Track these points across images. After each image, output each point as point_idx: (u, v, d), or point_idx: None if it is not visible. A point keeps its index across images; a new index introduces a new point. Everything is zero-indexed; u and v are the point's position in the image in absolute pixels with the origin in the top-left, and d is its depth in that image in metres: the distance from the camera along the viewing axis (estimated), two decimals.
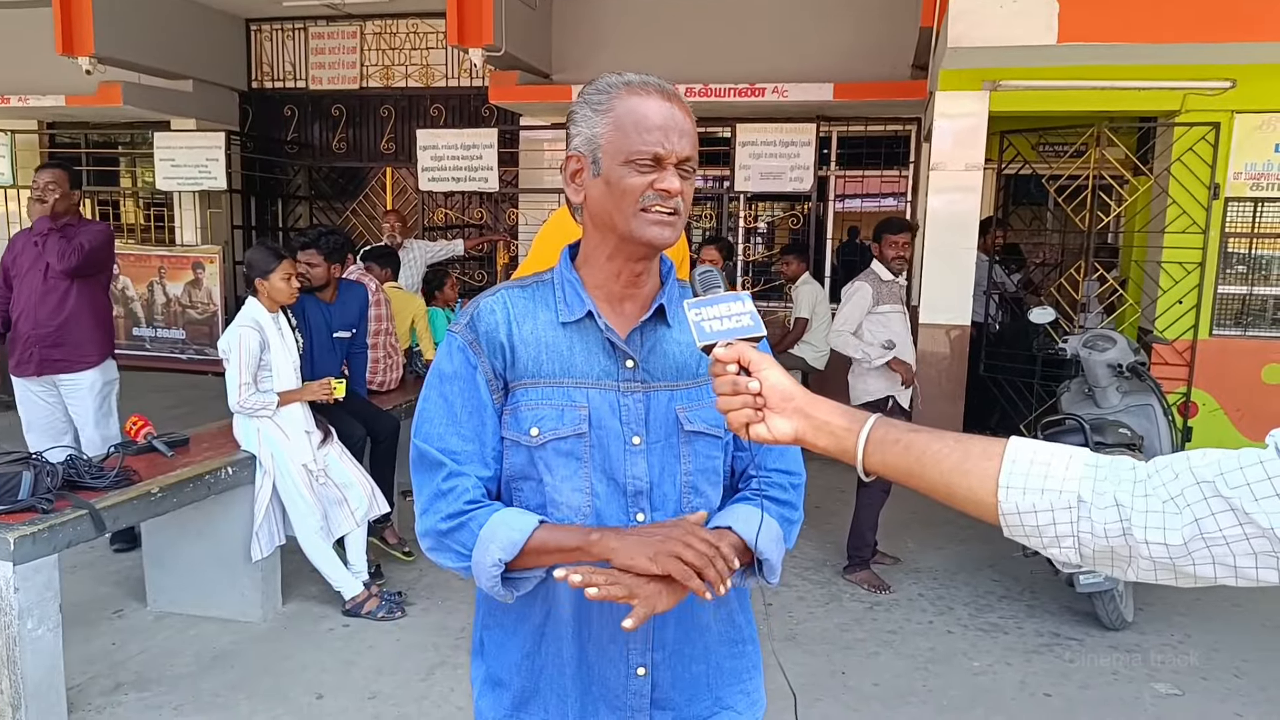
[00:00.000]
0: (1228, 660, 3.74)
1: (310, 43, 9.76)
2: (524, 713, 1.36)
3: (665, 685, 1.33)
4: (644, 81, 1.27)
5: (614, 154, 1.24)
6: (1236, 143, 5.84)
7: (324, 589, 4.06)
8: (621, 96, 1.26)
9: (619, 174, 1.24)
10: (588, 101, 1.29)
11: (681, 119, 1.26)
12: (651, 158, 1.23)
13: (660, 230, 1.24)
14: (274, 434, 3.85)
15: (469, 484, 1.27)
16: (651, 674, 1.32)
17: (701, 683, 1.37)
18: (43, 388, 4.53)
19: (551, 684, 1.34)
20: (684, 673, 1.35)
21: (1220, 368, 6.02)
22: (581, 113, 1.29)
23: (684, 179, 1.25)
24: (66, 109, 9.15)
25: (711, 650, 1.37)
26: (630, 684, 1.31)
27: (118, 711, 3.20)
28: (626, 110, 1.25)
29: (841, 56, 7.93)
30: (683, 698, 1.35)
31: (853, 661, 3.68)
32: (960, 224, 6.20)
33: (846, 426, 1.08)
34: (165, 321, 9.43)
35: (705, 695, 1.37)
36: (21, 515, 2.91)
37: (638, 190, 1.23)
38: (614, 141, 1.24)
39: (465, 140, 8.44)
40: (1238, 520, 0.86)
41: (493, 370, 1.28)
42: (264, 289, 3.84)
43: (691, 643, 1.35)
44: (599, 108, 1.27)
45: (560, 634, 1.32)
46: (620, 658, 1.30)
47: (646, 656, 1.31)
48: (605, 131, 1.25)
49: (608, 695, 1.32)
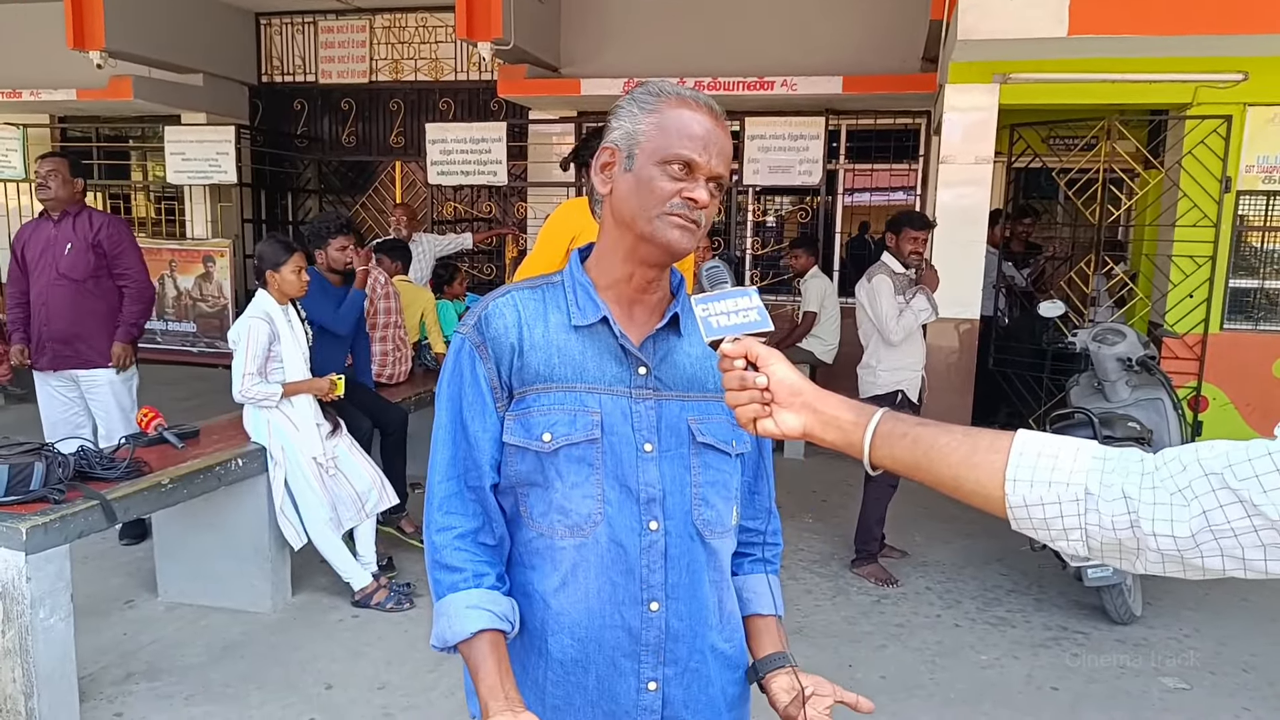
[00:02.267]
0: (1236, 655, 3.73)
1: (320, 36, 9.78)
2: None
3: (677, 704, 1.31)
4: (697, 97, 1.27)
5: (650, 152, 1.24)
6: (1248, 136, 5.80)
7: (333, 580, 4.08)
8: (672, 104, 1.26)
9: (651, 174, 1.24)
10: (637, 100, 1.29)
11: (722, 139, 1.26)
12: (686, 163, 1.23)
13: (680, 234, 1.24)
14: (284, 426, 3.87)
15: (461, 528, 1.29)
16: (663, 689, 1.30)
17: (715, 707, 1.35)
18: (62, 383, 4.55)
19: (553, 695, 1.31)
20: (700, 693, 1.33)
21: (1231, 362, 6.00)
22: (628, 109, 1.29)
23: (711, 196, 1.25)
24: (78, 103, 9.19)
25: (722, 673, 1.36)
26: (641, 699, 1.29)
27: (129, 701, 3.23)
28: (673, 115, 1.25)
29: (851, 49, 7.90)
30: (696, 718, 1.33)
31: (860, 654, 3.69)
32: (970, 217, 6.18)
33: (854, 421, 1.08)
34: (176, 315, 9.48)
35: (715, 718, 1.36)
36: (33, 506, 2.93)
37: (667, 194, 1.23)
38: (653, 140, 1.25)
39: (474, 134, 8.45)
40: (1246, 512, 0.85)
41: (498, 375, 1.28)
42: (274, 281, 3.86)
43: (706, 663, 1.33)
44: (647, 107, 1.27)
45: (564, 642, 1.29)
46: (632, 672, 1.28)
47: (658, 671, 1.29)
48: (647, 129, 1.25)
49: (617, 711, 1.29)
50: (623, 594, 1.26)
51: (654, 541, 1.26)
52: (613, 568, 1.26)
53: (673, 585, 1.28)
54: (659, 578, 1.27)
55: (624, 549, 1.25)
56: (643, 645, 1.27)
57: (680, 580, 1.28)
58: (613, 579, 1.26)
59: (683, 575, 1.28)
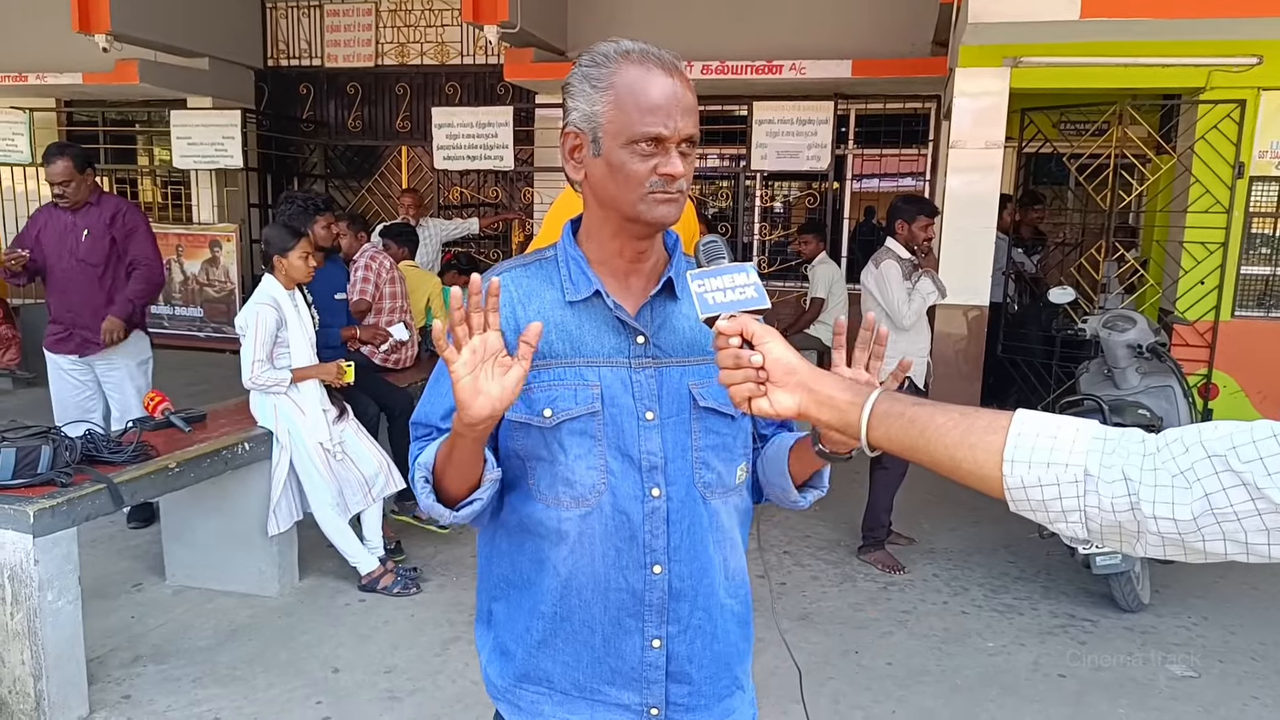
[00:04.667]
0: (1245, 643, 3.72)
1: (326, 20, 9.74)
2: (530, 681, 1.36)
3: (681, 658, 1.33)
4: (643, 52, 1.22)
5: (615, 134, 1.21)
6: (1262, 120, 5.74)
7: (340, 564, 4.09)
8: (621, 70, 1.21)
9: (621, 157, 1.21)
10: (585, 75, 1.24)
11: (683, 94, 1.21)
12: (654, 140, 1.20)
13: (666, 209, 1.22)
14: (290, 410, 3.87)
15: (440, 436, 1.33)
16: (666, 646, 1.32)
17: (721, 661, 1.37)
18: (74, 366, 4.55)
19: (563, 653, 1.34)
20: (704, 650, 1.35)
21: (1242, 349, 5.95)
22: (579, 86, 1.25)
23: (685, 157, 1.22)
24: (84, 87, 9.17)
25: (729, 629, 1.38)
26: (646, 655, 1.31)
27: (137, 683, 3.24)
28: (626, 87, 1.20)
29: (860, 33, 7.84)
30: (702, 675, 1.35)
31: (866, 641, 3.68)
32: (980, 203, 6.14)
33: (850, 400, 1.07)
34: (183, 300, 9.49)
35: (725, 674, 1.38)
36: (41, 489, 2.94)
37: (642, 176, 1.20)
38: (615, 121, 1.21)
39: (481, 118, 8.41)
40: (1249, 495, 0.83)
41: None
42: (282, 266, 3.85)
43: (711, 619, 1.35)
44: (598, 83, 1.22)
45: (573, 605, 1.31)
46: (636, 630, 1.31)
47: (662, 629, 1.31)
48: (605, 110, 1.21)
49: (622, 667, 1.32)
50: (626, 559, 1.29)
51: (656, 508, 1.28)
52: (617, 534, 1.28)
53: (674, 548, 1.30)
54: (661, 542, 1.29)
55: (628, 516, 1.28)
56: (646, 605, 1.30)
57: (682, 543, 1.30)
58: (617, 545, 1.28)
59: (684, 538, 1.30)
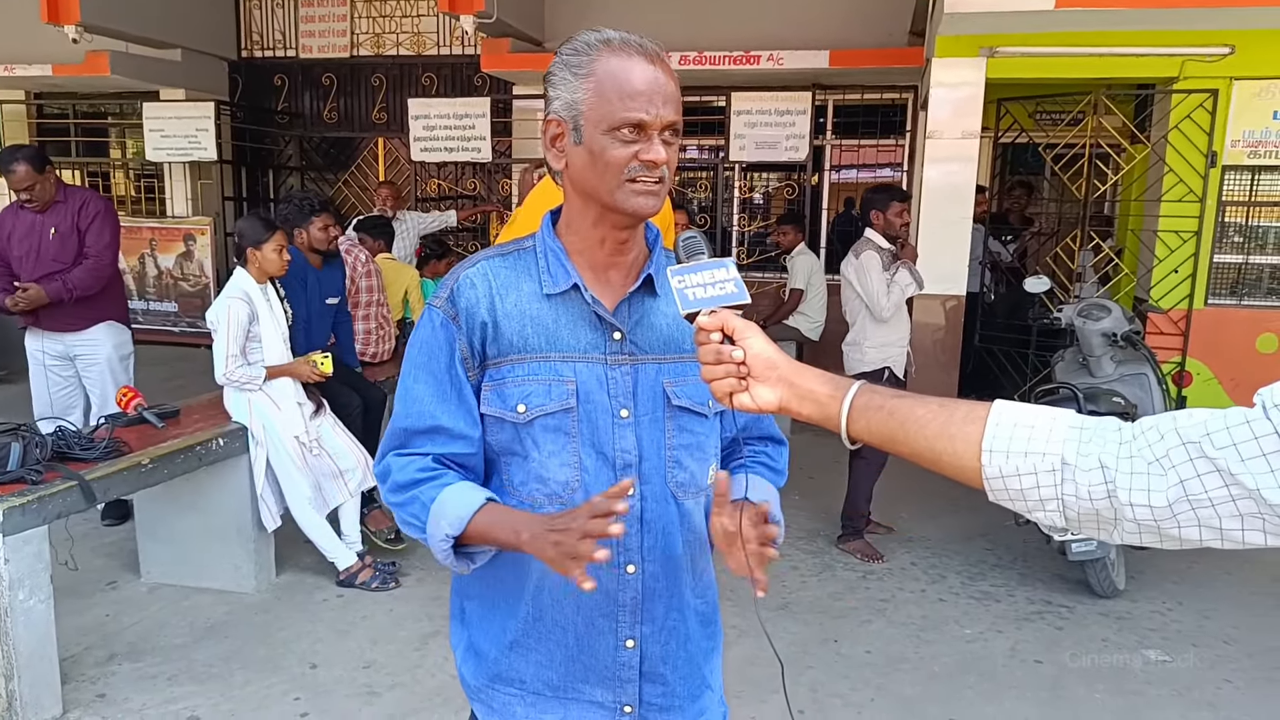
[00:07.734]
0: (1218, 627, 3.77)
1: (300, 10, 9.62)
2: (502, 682, 1.36)
3: (655, 659, 1.34)
4: (624, 40, 1.22)
5: (596, 122, 1.20)
6: (1235, 110, 5.80)
7: (318, 560, 4.06)
8: (602, 58, 1.21)
9: (602, 144, 1.20)
10: (566, 63, 1.23)
11: (665, 82, 1.21)
12: (635, 126, 1.19)
13: (646, 200, 1.21)
14: (265, 405, 3.83)
15: (425, 459, 1.28)
16: (640, 646, 1.32)
17: (693, 662, 1.38)
18: (58, 363, 4.48)
19: (535, 653, 1.34)
20: (678, 650, 1.35)
21: (1215, 337, 6.02)
22: (560, 75, 1.24)
23: (668, 145, 1.21)
24: (53, 79, 9.03)
25: (694, 630, 1.38)
26: (619, 655, 1.32)
27: (111, 682, 3.21)
28: (607, 74, 1.20)
29: (837, 23, 7.84)
30: (676, 675, 1.36)
31: (845, 629, 3.70)
32: (956, 193, 6.17)
33: (830, 394, 1.07)
34: (157, 294, 9.38)
35: (695, 675, 1.39)
36: (10, 487, 2.89)
37: (622, 162, 1.19)
38: (596, 108, 1.20)
39: (458, 110, 8.36)
40: (1224, 481, 0.84)
41: (469, 347, 1.26)
42: (255, 259, 3.80)
43: (683, 619, 1.35)
44: (579, 71, 1.21)
45: (545, 605, 1.31)
46: (609, 630, 1.31)
47: (636, 629, 1.31)
48: (586, 97, 1.20)
49: (596, 665, 1.32)
50: None
51: (630, 506, 1.26)
52: None
53: (648, 548, 1.30)
54: (635, 541, 1.29)
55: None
56: (619, 605, 1.30)
57: (655, 543, 1.30)
58: None
59: (658, 538, 1.30)
